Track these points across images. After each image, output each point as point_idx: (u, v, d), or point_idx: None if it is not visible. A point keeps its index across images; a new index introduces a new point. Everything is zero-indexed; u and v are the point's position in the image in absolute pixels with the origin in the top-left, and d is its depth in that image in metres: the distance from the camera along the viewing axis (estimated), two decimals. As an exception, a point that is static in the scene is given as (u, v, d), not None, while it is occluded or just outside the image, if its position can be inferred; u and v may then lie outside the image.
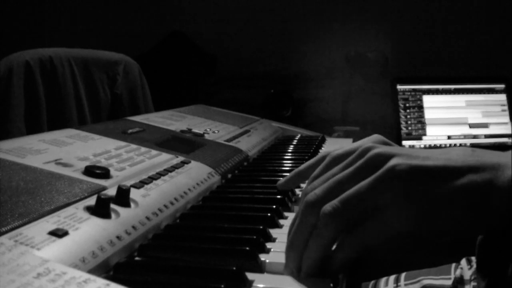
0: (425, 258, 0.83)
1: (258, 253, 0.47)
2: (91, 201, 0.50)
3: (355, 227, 0.42)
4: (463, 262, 0.71)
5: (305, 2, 2.42)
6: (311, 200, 0.45)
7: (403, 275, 0.76)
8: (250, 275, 0.43)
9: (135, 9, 2.59)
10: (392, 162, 0.42)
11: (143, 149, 0.75)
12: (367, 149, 0.46)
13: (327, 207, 0.43)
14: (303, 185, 0.67)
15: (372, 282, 0.78)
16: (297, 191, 0.71)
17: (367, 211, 0.42)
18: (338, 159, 0.50)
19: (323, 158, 0.57)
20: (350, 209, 0.42)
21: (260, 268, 0.45)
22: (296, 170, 0.64)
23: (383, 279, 0.77)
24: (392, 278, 0.77)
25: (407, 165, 0.41)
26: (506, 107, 1.72)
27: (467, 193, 0.39)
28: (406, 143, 1.64)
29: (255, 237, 0.50)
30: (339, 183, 0.45)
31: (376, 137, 0.57)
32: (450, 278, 0.71)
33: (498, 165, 0.40)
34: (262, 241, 0.50)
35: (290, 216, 0.61)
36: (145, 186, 0.60)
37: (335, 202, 0.42)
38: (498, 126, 1.70)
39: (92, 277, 0.33)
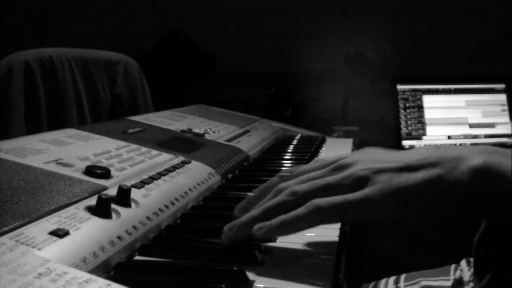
0: (425, 259, 0.83)
1: (259, 253, 0.47)
2: (92, 201, 0.50)
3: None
4: (463, 263, 0.71)
5: (305, 2, 2.42)
6: (297, 190, 0.48)
7: (402, 276, 0.76)
8: (250, 275, 0.43)
9: (135, 9, 2.59)
10: (354, 168, 0.47)
11: (143, 149, 0.75)
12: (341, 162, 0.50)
13: (296, 187, 0.48)
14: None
15: (372, 283, 0.78)
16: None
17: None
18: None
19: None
20: (316, 192, 0.47)
21: (261, 268, 0.45)
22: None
23: (383, 281, 0.77)
24: (391, 279, 0.77)
25: (367, 170, 0.45)
26: (506, 107, 1.72)
27: (428, 185, 0.42)
28: (406, 143, 1.64)
29: (255, 237, 0.50)
30: (313, 177, 0.49)
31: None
32: (449, 280, 0.71)
33: (459, 158, 0.42)
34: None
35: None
36: (146, 186, 0.60)
37: (304, 185, 0.48)
38: (498, 126, 1.70)
39: (93, 277, 0.34)
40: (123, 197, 0.53)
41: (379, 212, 0.43)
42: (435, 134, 1.67)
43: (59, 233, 0.42)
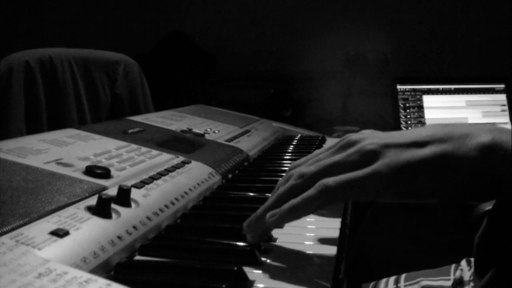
0: (425, 259, 0.83)
1: (259, 253, 0.47)
2: (92, 201, 0.50)
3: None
4: (463, 263, 0.71)
5: (305, 2, 2.41)
6: (305, 172, 0.48)
7: (403, 276, 0.76)
8: (250, 275, 0.43)
9: (135, 9, 2.59)
10: (360, 144, 0.47)
11: (143, 149, 0.75)
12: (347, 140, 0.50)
13: (303, 169, 0.48)
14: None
15: (372, 283, 0.78)
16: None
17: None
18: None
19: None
20: (323, 172, 0.47)
21: (261, 268, 0.45)
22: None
23: (383, 280, 0.77)
24: (392, 279, 0.77)
25: (374, 145, 0.45)
26: (506, 107, 1.72)
27: (435, 160, 0.42)
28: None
29: (255, 237, 0.50)
30: (319, 157, 0.50)
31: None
32: (449, 279, 0.71)
33: (467, 135, 0.42)
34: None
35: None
36: (146, 186, 0.60)
37: (311, 167, 0.48)
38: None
39: (93, 277, 0.34)
40: (123, 197, 0.53)
41: (386, 187, 0.43)
42: (435, 134, 1.67)
43: (59, 233, 0.42)
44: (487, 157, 0.40)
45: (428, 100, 1.70)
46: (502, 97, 1.73)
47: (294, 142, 1.16)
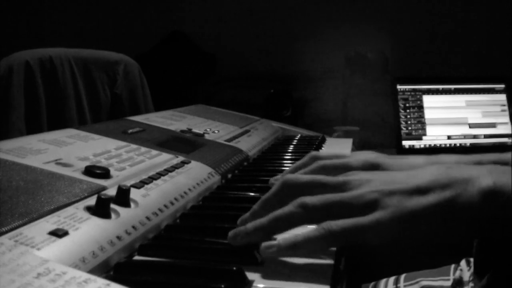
0: (425, 259, 0.83)
1: (259, 253, 0.47)
2: (91, 201, 0.50)
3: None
4: (463, 263, 0.71)
5: (305, 2, 2.42)
6: (291, 182, 0.50)
7: (402, 276, 0.76)
8: (250, 275, 0.43)
9: (135, 9, 2.59)
10: (364, 189, 0.46)
11: (143, 149, 0.75)
12: (351, 171, 0.51)
13: (307, 199, 0.47)
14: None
15: (372, 283, 0.78)
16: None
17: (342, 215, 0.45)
18: (324, 169, 0.55)
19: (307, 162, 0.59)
20: (325, 209, 0.46)
21: (260, 268, 0.45)
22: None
23: (383, 280, 0.77)
24: (391, 279, 0.77)
25: (378, 193, 0.45)
26: (506, 107, 1.72)
27: (439, 209, 0.42)
28: (406, 143, 1.64)
29: (255, 237, 0.50)
30: (322, 183, 0.49)
31: (367, 155, 0.59)
32: (449, 280, 0.71)
33: (468, 179, 0.42)
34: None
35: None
36: (145, 186, 0.59)
37: (314, 199, 0.47)
38: (498, 126, 1.70)
39: (92, 277, 0.33)
40: (123, 197, 0.53)
41: (390, 236, 0.43)
42: (435, 134, 1.67)
43: (58, 233, 0.42)
44: (489, 201, 0.40)
45: (428, 100, 1.70)
46: (502, 97, 1.73)
47: (294, 142, 1.16)
